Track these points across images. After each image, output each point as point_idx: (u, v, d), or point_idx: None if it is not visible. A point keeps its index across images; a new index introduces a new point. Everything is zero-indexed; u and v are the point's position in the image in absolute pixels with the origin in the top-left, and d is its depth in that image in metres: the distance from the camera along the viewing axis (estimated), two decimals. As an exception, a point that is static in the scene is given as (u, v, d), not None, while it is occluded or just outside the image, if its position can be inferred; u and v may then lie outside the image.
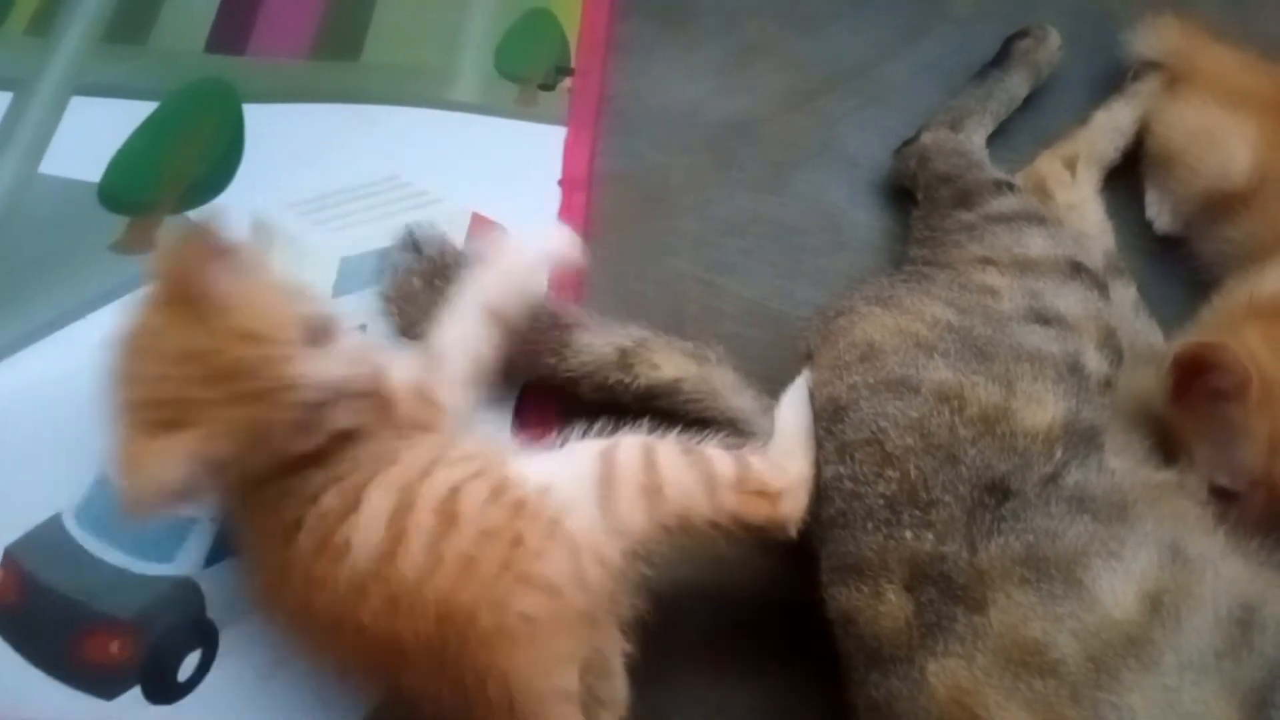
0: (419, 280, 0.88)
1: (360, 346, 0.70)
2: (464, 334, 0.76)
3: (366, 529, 0.64)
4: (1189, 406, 0.74)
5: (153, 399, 0.62)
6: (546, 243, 0.83)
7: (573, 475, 0.67)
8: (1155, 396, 0.75)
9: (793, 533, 0.70)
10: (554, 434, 0.84)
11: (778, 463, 0.71)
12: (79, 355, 0.86)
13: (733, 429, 0.80)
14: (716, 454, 0.70)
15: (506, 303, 0.78)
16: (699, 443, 0.71)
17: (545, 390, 0.86)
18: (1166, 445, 0.74)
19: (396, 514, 0.64)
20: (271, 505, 0.68)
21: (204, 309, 0.62)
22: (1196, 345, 0.73)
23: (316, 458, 0.66)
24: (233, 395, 0.61)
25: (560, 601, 0.63)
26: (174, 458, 0.60)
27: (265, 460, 0.65)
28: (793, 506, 0.70)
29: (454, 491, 0.65)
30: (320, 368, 0.64)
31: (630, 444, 0.69)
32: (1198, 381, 0.73)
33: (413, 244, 0.89)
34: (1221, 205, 0.91)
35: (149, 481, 0.60)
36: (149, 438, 0.61)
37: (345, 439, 0.67)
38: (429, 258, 0.89)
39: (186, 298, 0.62)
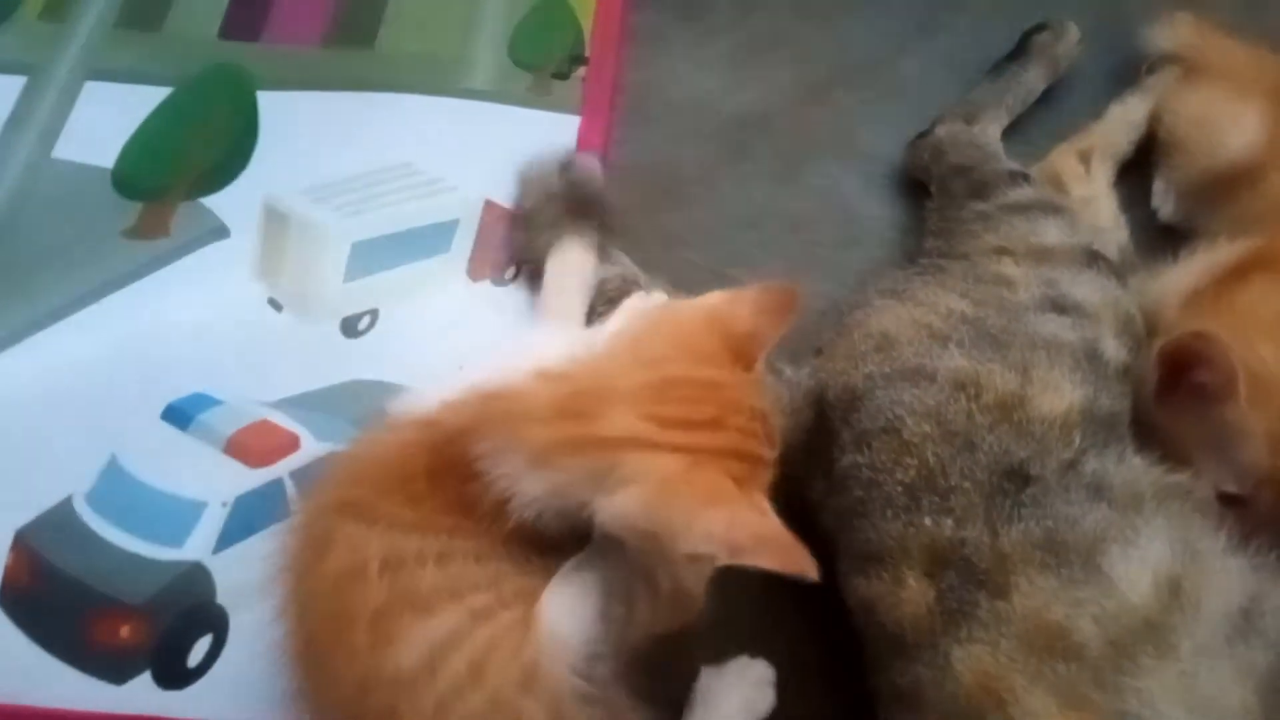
0: (556, 206, 0.88)
1: None
2: None
3: (415, 644, 0.59)
4: (1179, 409, 0.73)
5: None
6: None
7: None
8: (1145, 398, 0.74)
9: None
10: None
11: None
12: (92, 340, 0.88)
13: None
14: None
15: None
16: None
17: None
18: (1167, 453, 0.73)
19: (442, 646, 0.59)
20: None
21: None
22: (1183, 337, 0.72)
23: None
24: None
25: None
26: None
27: None
28: None
29: (492, 647, 0.60)
30: None
31: None
32: (1184, 378, 0.72)
33: (569, 166, 0.90)
34: (1224, 187, 0.91)
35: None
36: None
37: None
38: (574, 186, 0.89)
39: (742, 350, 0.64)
